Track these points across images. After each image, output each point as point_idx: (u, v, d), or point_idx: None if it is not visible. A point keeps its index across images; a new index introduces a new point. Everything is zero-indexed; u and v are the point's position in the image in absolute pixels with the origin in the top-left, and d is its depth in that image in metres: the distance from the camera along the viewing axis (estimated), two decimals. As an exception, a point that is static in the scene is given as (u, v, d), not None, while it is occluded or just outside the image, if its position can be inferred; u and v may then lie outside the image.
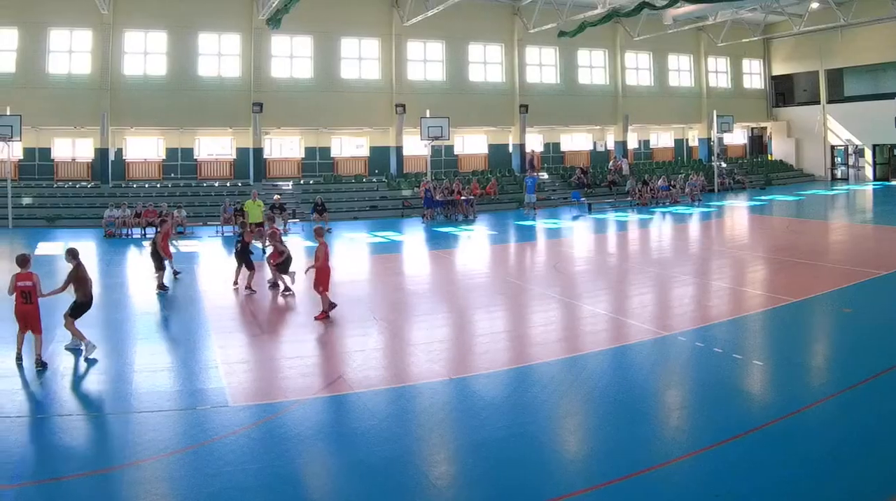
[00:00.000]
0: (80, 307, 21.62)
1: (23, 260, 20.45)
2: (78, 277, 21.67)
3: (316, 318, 25.60)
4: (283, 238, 32.88)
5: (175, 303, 28.42)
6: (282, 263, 30.19)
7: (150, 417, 16.64)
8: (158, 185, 62.31)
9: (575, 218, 58.03)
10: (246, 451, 14.85)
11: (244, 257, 30.90)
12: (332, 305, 26.22)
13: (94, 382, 18.93)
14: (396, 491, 13.16)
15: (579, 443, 15.65)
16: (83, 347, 21.12)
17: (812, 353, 22.14)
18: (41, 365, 19.76)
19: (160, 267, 31.32)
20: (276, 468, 14.11)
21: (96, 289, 27.32)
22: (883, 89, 79.23)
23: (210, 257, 41.01)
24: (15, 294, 20.01)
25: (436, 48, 71.10)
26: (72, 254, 21.91)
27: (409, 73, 69.74)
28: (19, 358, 20.04)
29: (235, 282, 31.13)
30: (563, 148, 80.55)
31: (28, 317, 19.90)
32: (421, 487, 13.31)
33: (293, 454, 14.88)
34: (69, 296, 21.82)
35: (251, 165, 64.75)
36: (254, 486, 13.38)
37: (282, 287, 30.24)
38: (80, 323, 21.36)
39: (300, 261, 33.59)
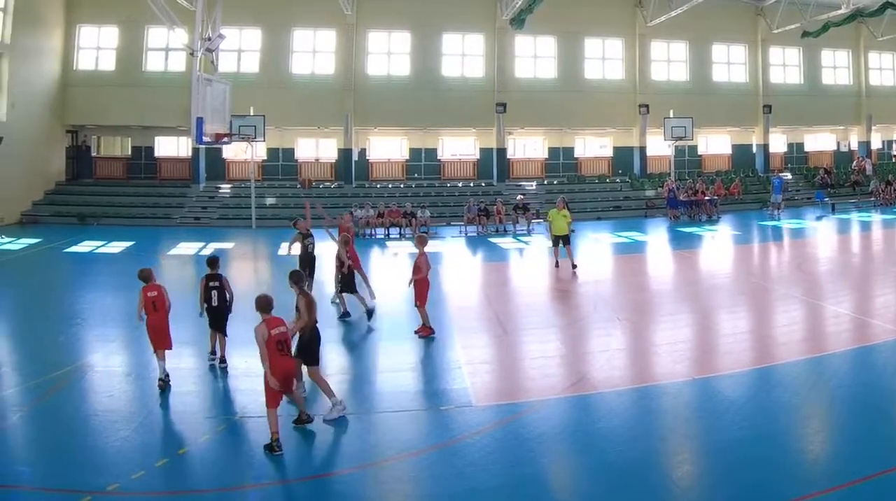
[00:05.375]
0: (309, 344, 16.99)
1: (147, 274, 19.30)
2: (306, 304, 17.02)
3: (416, 332, 23.74)
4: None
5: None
6: (343, 280, 26.21)
7: (394, 417, 16.84)
8: (402, 186, 63.80)
9: (818, 218, 56.32)
10: (489, 451, 14.80)
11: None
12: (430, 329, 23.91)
13: (337, 382, 18.84)
14: (639, 492, 13.16)
15: (822, 443, 15.27)
16: (332, 404, 16.74)
17: None
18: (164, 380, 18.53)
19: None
20: (520, 468, 14.01)
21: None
22: None
23: (453, 257, 40.96)
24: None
25: (679, 48, 69.53)
26: (294, 280, 17.54)
27: (652, 73, 68.53)
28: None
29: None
30: (807, 148, 78.21)
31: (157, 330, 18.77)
32: (664, 487, 13.25)
33: (536, 454, 14.77)
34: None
35: (495, 165, 65.27)
36: (497, 486, 13.33)
37: (341, 311, 26.58)
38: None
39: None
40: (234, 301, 20.96)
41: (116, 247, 44.19)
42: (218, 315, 20.74)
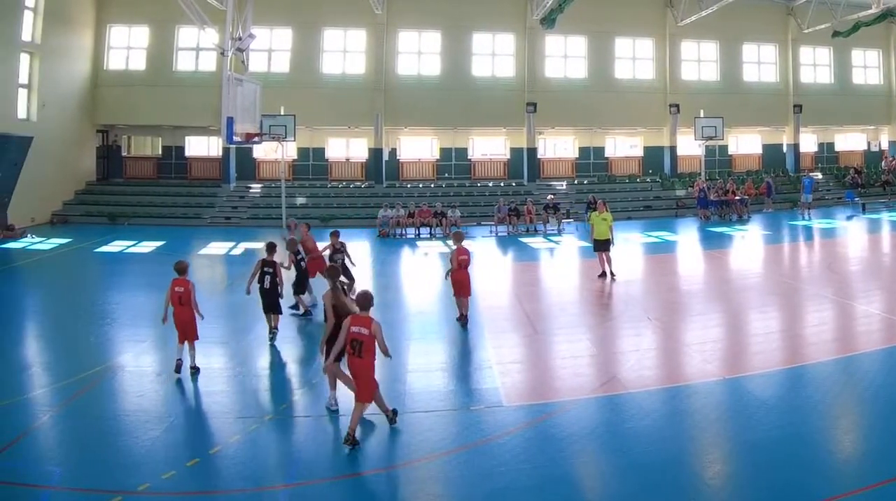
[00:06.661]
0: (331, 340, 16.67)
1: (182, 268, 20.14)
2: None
3: (458, 319, 24.92)
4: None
5: (450, 304, 28.07)
6: (297, 281, 26.75)
7: (425, 417, 16.81)
8: (432, 185, 63.76)
9: (849, 218, 56.00)
10: (520, 451, 14.79)
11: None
12: (463, 317, 25.03)
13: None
14: (671, 491, 13.19)
15: (853, 443, 15.28)
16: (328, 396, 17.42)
17: None
18: (195, 370, 19.56)
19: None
20: (551, 468, 14.00)
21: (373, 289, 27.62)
22: None
23: (483, 257, 40.83)
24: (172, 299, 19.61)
25: (709, 48, 69.23)
26: (329, 274, 17.79)
27: (682, 72, 68.27)
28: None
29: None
30: (837, 148, 77.69)
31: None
32: (694, 487, 13.29)
33: (567, 454, 14.79)
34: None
35: (525, 165, 65.18)
36: (528, 486, 13.33)
37: (302, 310, 26.79)
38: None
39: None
40: (283, 286, 23.23)
41: (147, 246, 44.31)
42: (269, 297, 22.95)
